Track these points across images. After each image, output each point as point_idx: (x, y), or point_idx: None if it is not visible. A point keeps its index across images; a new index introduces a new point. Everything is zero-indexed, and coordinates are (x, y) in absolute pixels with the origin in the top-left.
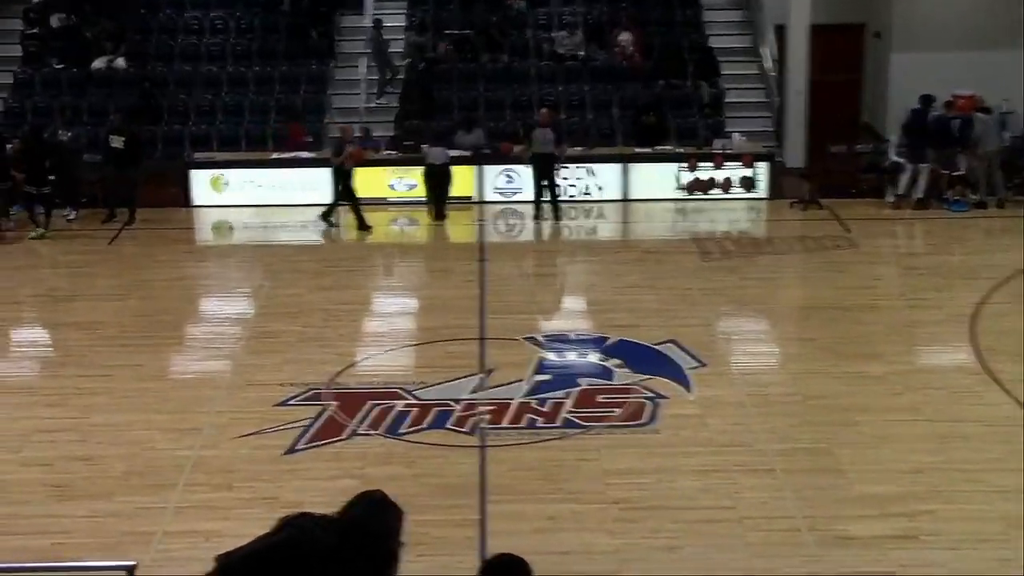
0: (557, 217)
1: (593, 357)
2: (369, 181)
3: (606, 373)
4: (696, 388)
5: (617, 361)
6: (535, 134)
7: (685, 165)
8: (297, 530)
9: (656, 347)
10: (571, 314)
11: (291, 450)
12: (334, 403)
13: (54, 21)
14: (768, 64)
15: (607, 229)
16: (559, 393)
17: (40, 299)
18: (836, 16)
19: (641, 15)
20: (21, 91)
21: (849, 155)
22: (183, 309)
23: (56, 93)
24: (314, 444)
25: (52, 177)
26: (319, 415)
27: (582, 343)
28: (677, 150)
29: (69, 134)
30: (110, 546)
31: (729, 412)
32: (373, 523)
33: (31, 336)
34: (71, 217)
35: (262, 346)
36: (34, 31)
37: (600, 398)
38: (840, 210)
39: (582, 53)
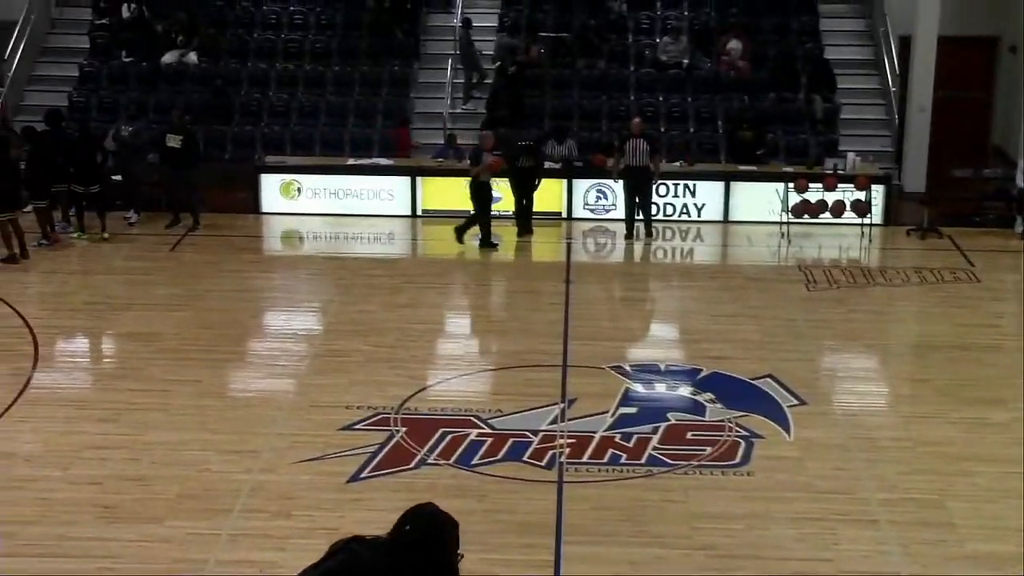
0: (650, 236)
1: (684, 390)
2: (450, 192)
3: (697, 408)
4: (795, 428)
5: (710, 396)
6: (628, 146)
7: (793, 185)
8: (349, 555)
9: (753, 382)
10: (662, 343)
11: (355, 478)
12: (403, 429)
13: (124, 12)
14: (890, 78)
15: (705, 252)
16: (645, 428)
17: (96, 307)
18: (967, 28)
19: (752, 22)
20: (86, 84)
21: (975, 180)
22: (246, 323)
23: (123, 88)
24: (380, 472)
25: (117, 177)
26: (386, 441)
27: (672, 375)
28: (785, 169)
29: (130, 129)
30: (159, 573)
31: (830, 456)
32: (428, 539)
33: (85, 346)
34: (132, 220)
35: (328, 365)
36: (103, 22)
37: (690, 435)
38: (962, 240)
39: (686, 61)
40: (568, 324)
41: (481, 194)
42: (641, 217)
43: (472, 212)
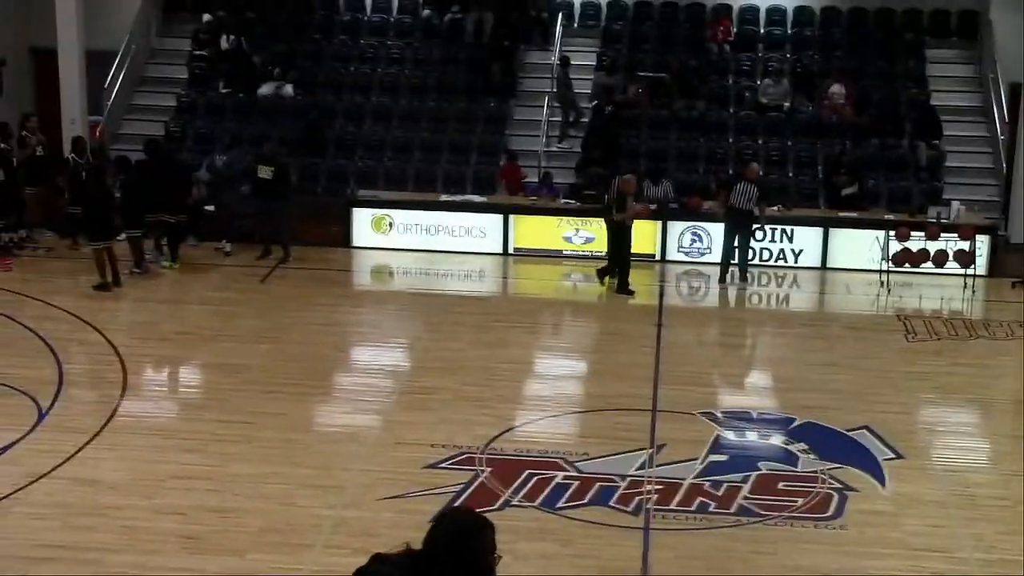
0: (744, 281)
1: (776, 439)
2: (543, 231)
3: (790, 458)
4: (890, 482)
5: (803, 446)
6: (737, 188)
7: (894, 233)
8: None
9: (848, 433)
10: (755, 390)
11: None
12: (488, 469)
13: (224, 43)
14: (998, 126)
15: (801, 299)
16: (736, 476)
17: (184, 336)
18: None
19: (857, 66)
20: (183, 115)
21: None
22: (333, 357)
23: (219, 119)
24: None
25: (210, 207)
26: (471, 481)
27: (765, 423)
28: (886, 216)
29: (223, 160)
30: None
31: (927, 512)
32: (455, 547)
33: (172, 375)
34: (228, 251)
35: (415, 402)
36: (202, 53)
37: (781, 485)
38: None
39: (787, 104)
40: (659, 368)
41: (624, 239)
42: (737, 261)
43: (610, 255)
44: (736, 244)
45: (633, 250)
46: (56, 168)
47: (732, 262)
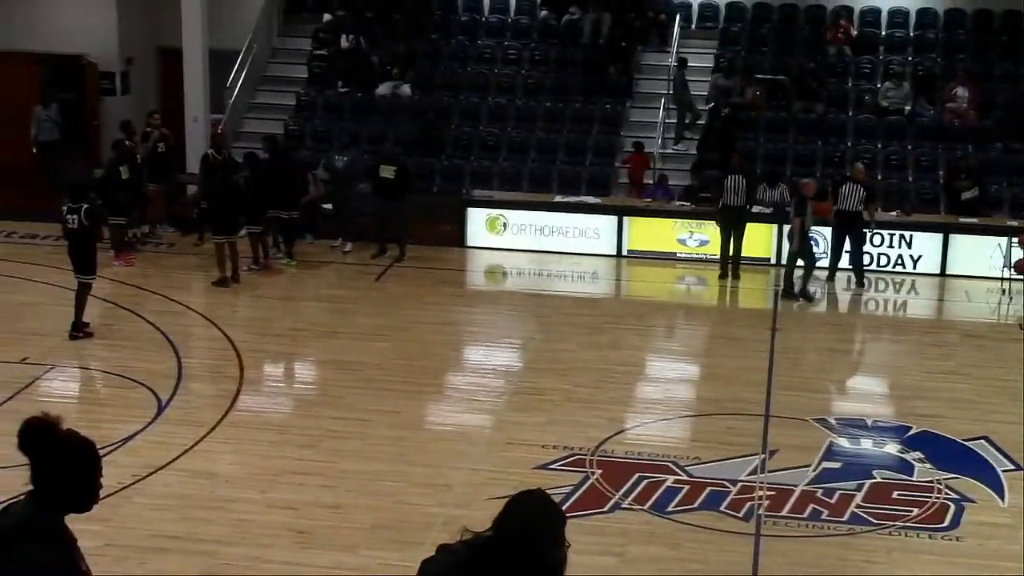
0: (860, 285)
1: (891, 448)
2: (656, 234)
3: (905, 467)
4: (1009, 494)
5: (918, 455)
6: (843, 190)
7: (1016, 240)
8: (421, 569)
9: (966, 443)
10: (869, 397)
11: None
12: (598, 471)
13: (343, 42)
14: None
15: (919, 305)
16: (849, 484)
17: (300, 333)
18: None
19: (981, 69)
20: (302, 113)
21: None
22: (446, 356)
23: (337, 118)
24: (573, 514)
25: (327, 206)
26: (581, 483)
27: (880, 431)
28: (1008, 223)
29: (344, 159)
30: None
31: None
32: (520, 536)
33: (287, 372)
34: (347, 249)
35: (526, 403)
36: (322, 52)
37: (896, 494)
38: None
39: (908, 107)
40: (772, 373)
41: (804, 243)
42: (850, 264)
43: (790, 259)
44: (848, 248)
45: (748, 254)
46: (177, 165)
47: (843, 266)
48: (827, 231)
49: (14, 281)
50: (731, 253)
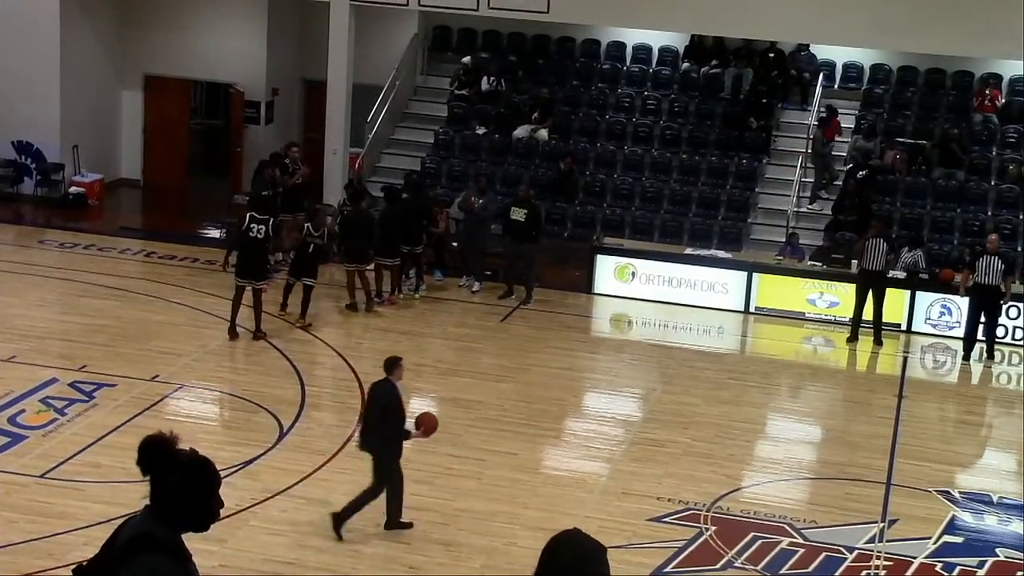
0: (991, 358)
1: (1017, 526)
2: (786, 292)
3: None
4: None
5: None
6: (980, 263)
7: None
8: None
9: None
10: (996, 472)
11: (659, 571)
12: (713, 528)
13: (484, 84)
14: None
15: None
16: (970, 560)
17: (423, 368)
18: None
19: None
20: (440, 152)
21: None
22: (566, 401)
23: (473, 158)
24: (684, 569)
25: (455, 244)
26: (694, 538)
27: (1006, 508)
28: None
29: (480, 201)
30: None
31: None
32: (582, 572)
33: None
34: (475, 289)
35: (644, 453)
36: (463, 93)
37: (1020, 575)
38: None
39: None
40: (896, 440)
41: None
42: (984, 338)
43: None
44: (983, 320)
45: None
46: (311, 196)
47: (978, 339)
48: (962, 301)
49: (149, 299)
50: (870, 317)
